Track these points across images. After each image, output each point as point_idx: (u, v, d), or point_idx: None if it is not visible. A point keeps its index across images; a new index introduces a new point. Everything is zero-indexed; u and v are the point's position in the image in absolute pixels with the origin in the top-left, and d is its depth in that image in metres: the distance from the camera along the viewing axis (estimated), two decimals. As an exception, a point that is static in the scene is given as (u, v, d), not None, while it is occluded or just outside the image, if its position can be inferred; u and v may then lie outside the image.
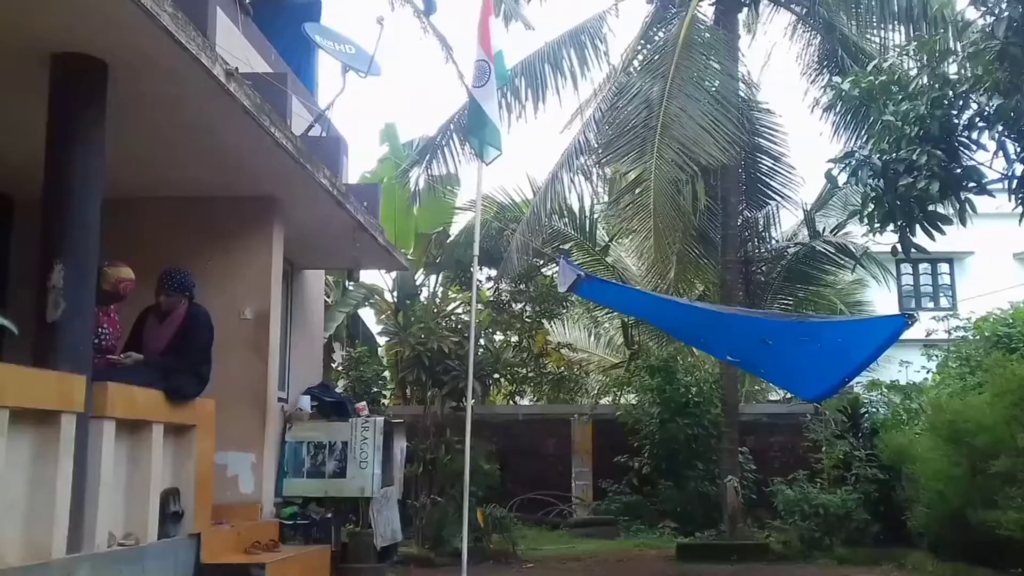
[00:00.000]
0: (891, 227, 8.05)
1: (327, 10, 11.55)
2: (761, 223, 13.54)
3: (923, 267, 20.90)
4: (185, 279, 6.27)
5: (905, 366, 12.96)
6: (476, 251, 8.62)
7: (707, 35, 11.98)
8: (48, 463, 4.48)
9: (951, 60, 7.59)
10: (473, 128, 8.43)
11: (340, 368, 13.33)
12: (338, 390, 11.16)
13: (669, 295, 12.09)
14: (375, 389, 12.09)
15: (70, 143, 5.08)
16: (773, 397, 17.13)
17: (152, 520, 5.63)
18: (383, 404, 12.26)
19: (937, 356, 12.70)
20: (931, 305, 20.41)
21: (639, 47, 13.11)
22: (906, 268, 20.40)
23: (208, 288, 7.01)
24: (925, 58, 7.88)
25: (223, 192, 7.70)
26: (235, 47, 7.50)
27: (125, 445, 5.46)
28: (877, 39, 11.89)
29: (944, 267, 20.76)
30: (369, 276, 15.42)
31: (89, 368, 4.99)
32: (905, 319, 8.98)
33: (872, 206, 7.98)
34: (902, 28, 11.24)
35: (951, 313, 13.42)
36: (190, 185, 7.54)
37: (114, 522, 5.28)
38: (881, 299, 16.84)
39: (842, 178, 8.50)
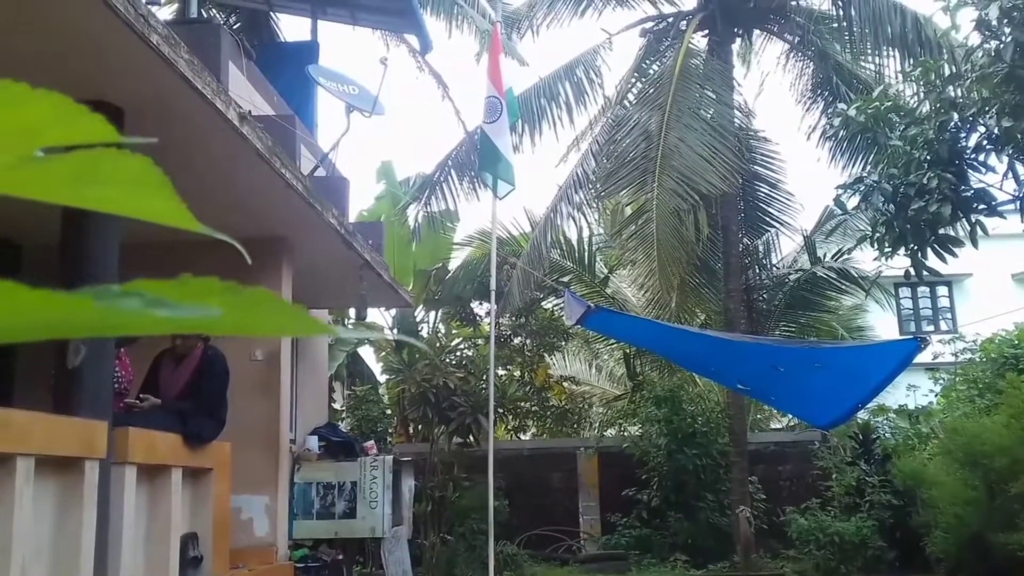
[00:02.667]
0: (902, 251, 8.06)
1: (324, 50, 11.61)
2: (761, 250, 13.55)
3: (922, 290, 20.95)
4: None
5: (913, 390, 12.92)
6: (493, 285, 8.63)
7: (702, 66, 12.07)
8: (72, 511, 4.37)
9: (956, 84, 7.64)
10: (485, 164, 8.46)
11: (343, 408, 13.20)
12: (344, 429, 11.05)
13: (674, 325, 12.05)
14: (381, 427, 11.95)
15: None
16: (775, 425, 17.06)
17: (172, 566, 5.50)
18: (389, 442, 12.12)
19: (944, 379, 12.67)
20: (931, 328, 20.43)
21: (633, 79, 13.18)
22: (905, 292, 20.45)
23: (219, 330, 6.92)
24: (930, 81, 7.93)
25: (235, 234, 7.55)
26: (241, 90, 7.50)
27: (145, 490, 5.35)
28: (872, 66, 11.99)
29: (943, 290, 20.82)
30: (369, 314, 15.33)
31: (110, 414, 4.89)
32: (918, 342, 8.97)
33: (883, 230, 7.99)
34: (896, 54, 11.33)
35: (957, 336, 13.41)
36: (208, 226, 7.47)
37: (135, 568, 5.16)
38: (881, 324, 16.85)
39: (852, 203, 8.52)
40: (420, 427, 13.41)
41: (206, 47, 5.82)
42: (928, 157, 7.60)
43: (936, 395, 12.86)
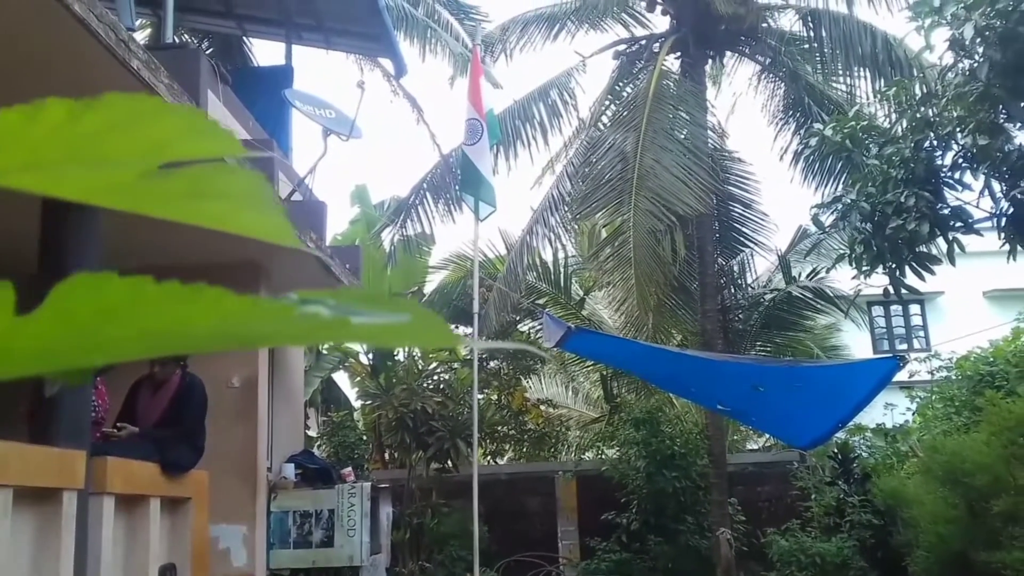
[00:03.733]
0: (880, 269, 8.11)
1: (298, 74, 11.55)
2: (736, 270, 13.60)
3: (895, 309, 21.13)
4: (179, 348, 6.04)
5: (891, 409, 12.98)
6: (476, 308, 8.54)
7: (676, 87, 12.15)
8: (51, 542, 4.23)
9: (931, 103, 7.72)
10: (467, 186, 8.42)
11: (319, 434, 13.02)
12: (320, 456, 10.88)
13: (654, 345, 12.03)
14: (358, 454, 11.79)
15: (64, 216, 4.90)
16: (752, 446, 17.06)
17: (151, 599, 5.35)
18: (366, 469, 11.95)
19: (920, 398, 12.74)
20: (904, 347, 20.59)
21: (607, 101, 13.23)
22: (878, 310, 20.62)
23: (196, 356, 6.81)
24: (904, 101, 8.01)
25: (213, 259, 7.52)
26: (217, 114, 7.42)
27: (123, 520, 5.20)
28: (843, 86, 12.12)
29: (916, 308, 21.02)
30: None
31: (88, 443, 4.75)
32: (897, 361, 9.03)
33: (861, 249, 8.03)
34: (867, 74, 11.47)
35: (933, 354, 13.50)
36: (180, 253, 7.36)
37: (113, 603, 5.00)
38: (855, 343, 16.95)
39: (828, 221, 8.57)
40: (396, 453, 13.25)
41: (185, 72, 5.77)
42: (904, 175, 7.66)
43: (913, 413, 12.92)
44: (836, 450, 12.23)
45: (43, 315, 0.41)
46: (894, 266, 8.00)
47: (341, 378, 16.53)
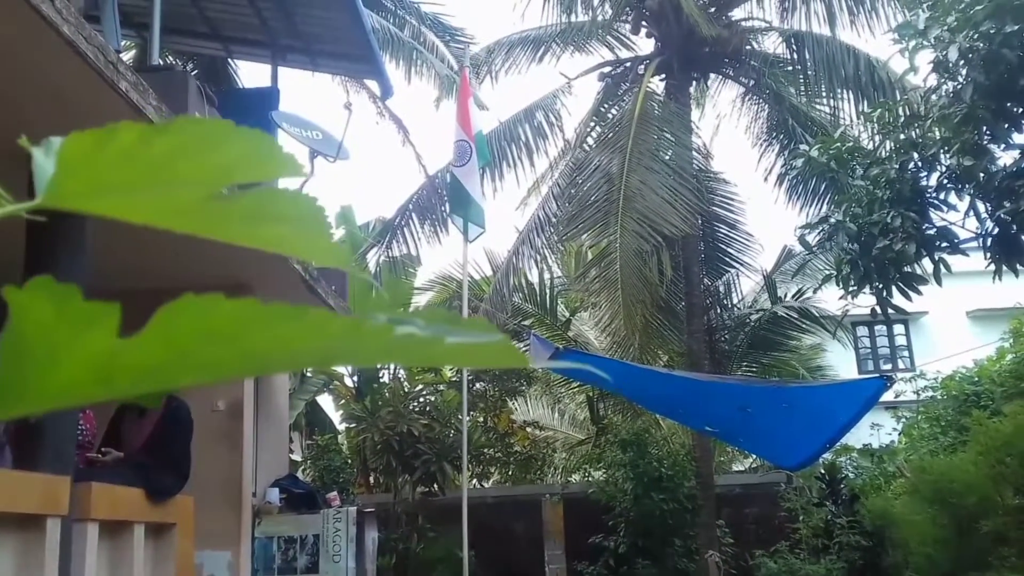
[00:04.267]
0: (867, 289, 8.13)
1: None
2: (722, 291, 13.62)
3: (879, 329, 21.21)
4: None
5: (877, 429, 13.00)
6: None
7: (661, 109, 12.21)
8: (34, 570, 4.13)
9: (916, 124, 7.78)
10: (456, 207, 8.40)
11: (304, 458, 12.89)
12: (305, 480, 10.77)
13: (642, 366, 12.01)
14: (343, 478, 11.67)
15: (51, 241, 4.84)
16: (738, 467, 17.03)
17: (136, 629, 5.23)
18: (352, 493, 11.83)
19: (906, 418, 12.77)
20: (888, 366, 20.66)
21: (592, 123, 13.28)
22: (863, 331, 20.71)
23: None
24: (888, 122, 8.07)
25: (198, 281, 7.46)
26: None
27: (107, 548, 5.09)
28: (827, 108, 12.22)
29: (900, 328, 21.13)
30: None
31: (72, 469, 4.66)
32: (884, 381, 9.02)
33: (848, 269, 8.06)
34: (851, 96, 11.56)
35: (918, 374, 13.55)
36: (166, 275, 7.31)
37: (97, 633, 4.89)
38: (840, 363, 16.99)
39: (814, 241, 8.59)
40: (382, 477, 13.13)
41: (173, 94, 5.75)
42: (890, 196, 7.71)
43: (899, 433, 12.94)
44: (824, 471, 12.22)
45: (147, 337, 0.40)
46: (881, 286, 8.03)
47: (326, 401, 16.42)
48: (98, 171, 0.46)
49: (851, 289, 8.19)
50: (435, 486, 11.48)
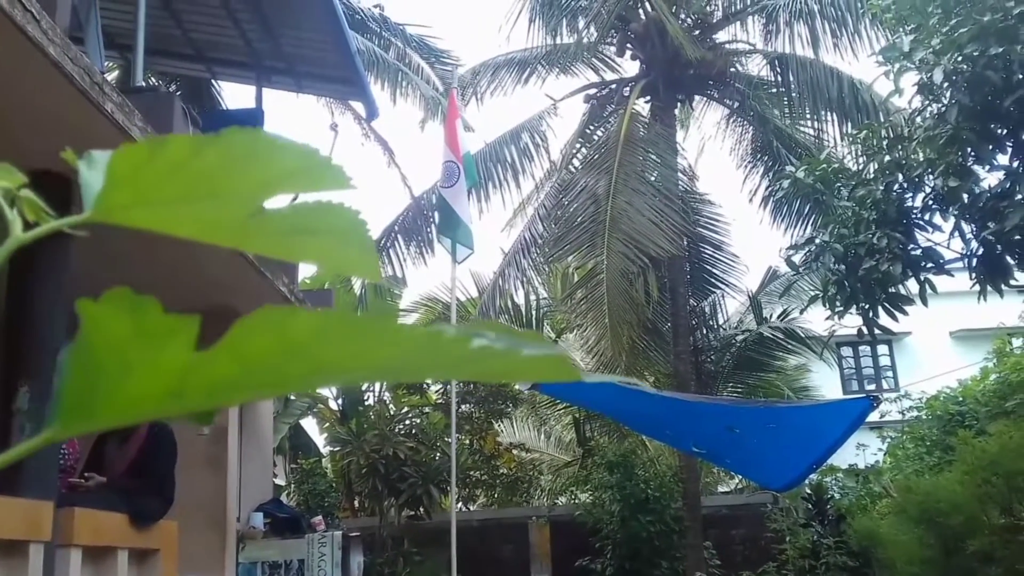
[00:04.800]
0: (853, 310, 8.16)
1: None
2: (708, 311, 13.64)
3: (863, 349, 21.30)
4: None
5: (863, 449, 13.01)
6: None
7: (646, 131, 12.26)
8: (15, 600, 4.05)
9: (901, 146, 7.83)
10: (444, 228, 8.38)
11: (288, 482, 12.77)
12: (289, 504, 10.66)
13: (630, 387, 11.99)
14: (328, 502, 11.56)
15: (35, 263, 4.78)
16: (723, 488, 17.00)
17: (118, 657, 5.13)
18: (337, 517, 11.71)
19: (891, 438, 12.79)
20: (873, 387, 20.72)
21: (578, 144, 13.32)
22: (847, 351, 20.79)
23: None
24: (873, 144, 8.13)
25: (181, 305, 7.37)
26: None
27: (90, 573, 4.99)
28: (811, 130, 12.31)
29: (884, 348, 21.22)
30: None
31: (55, 494, 4.59)
32: (870, 401, 9.06)
33: (834, 289, 8.08)
34: (834, 118, 11.66)
35: (903, 394, 13.59)
36: (151, 295, 7.25)
37: (78, 662, 4.79)
38: (825, 383, 17.03)
39: (798, 260, 8.62)
40: (367, 501, 13.02)
41: (158, 115, 5.73)
42: (876, 217, 7.75)
43: (884, 454, 12.96)
44: (810, 491, 12.21)
45: (222, 350, 0.40)
46: (867, 306, 8.06)
47: (310, 424, 16.29)
48: (147, 184, 0.45)
49: (837, 310, 8.22)
50: (421, 509, 11.39)
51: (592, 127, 13.23)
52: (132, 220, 0.47)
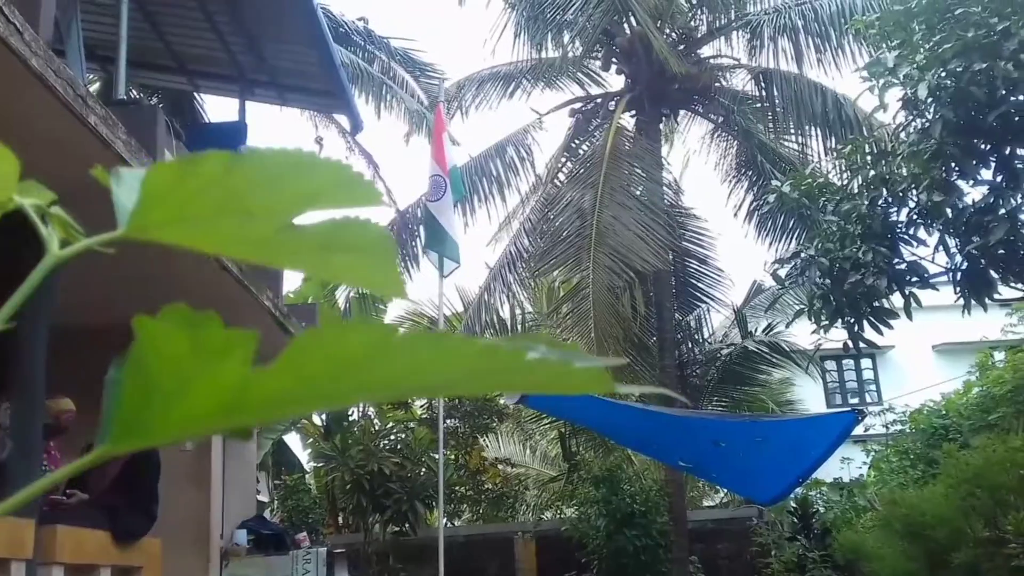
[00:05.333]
0: (839, 324, 8.19)
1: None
2: (693, 325, 13.65)
3: (847, 363, 21.38)
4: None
5: (847, 463, 13.03)
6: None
7: (632, 145, 12.29)
8: (-4, 620, 3.97)
9: (886, 160, 7.88)
10: (431, 242, 8.36)
11: (271, 499, 12.65)
12: (273, 521, 10.56)
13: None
14: (312, 518, 11.46)
15: (16, 280, 4.72)
16: (708, 502, 16.98)
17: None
18: (321, 534, 11.60)
19: (876, 451, 12.82)
20: (856, 400, 20.79)
21: (564, 158, 13.33)
22: (830, 365, 20.84)
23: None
24: (858, 159, 8.18)
25: (163, 317, 7.34)
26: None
27: (71, 594, 4.92)
28: (795, 145, 12.37)
29: (867, 362, 21.30)
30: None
31: (38, 511, 4.50)
32: (855, 415, 9.11)
33: (820, 304, 8.11)
34: (818, 132, 11.72)
35: (887, 408, 13.64)
36: (133, 311, 7.17)
37: None
38: (809, 396, 17.06)
39: (785, 274, 8.64)
40: (352, 517, 12.91)
41: (142, 128, 5.70)
42: (862, 231, 7.78)
43: (868, 467, 12.98)
44: (795, 505, 12.21)
45: (280, 366, 0.39)
46: (853, 320, 8.09)
47: (292, 440, 16.15)
48: (181, 201, 0.45)
49: (823, 323, 8.24)
50: (406, 525, 11.30)
51: (577, 141, 13.25)
52: (165, 237, 0.47)
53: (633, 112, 12.81)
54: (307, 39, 9.91)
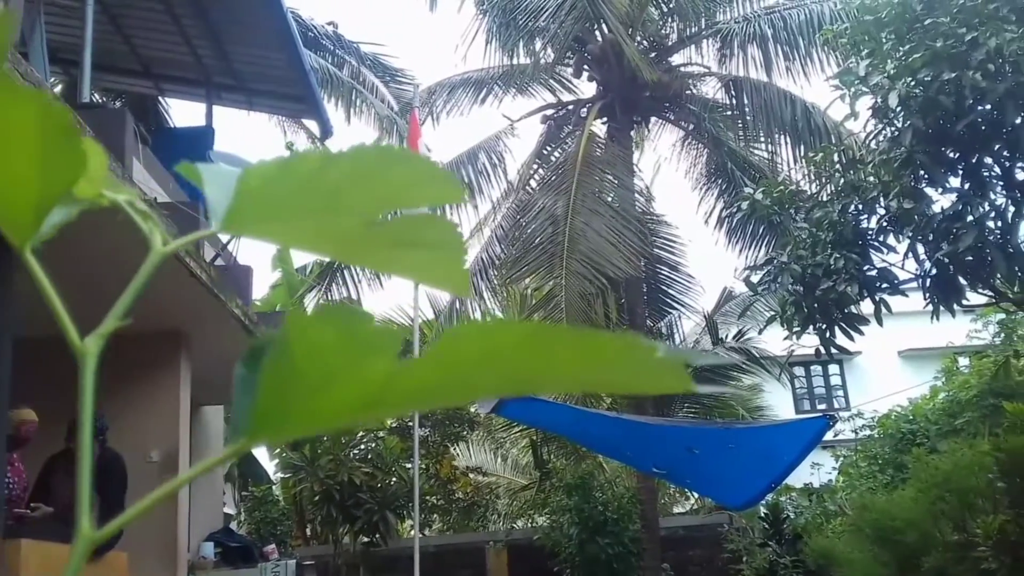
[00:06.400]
0: (811, 330, 8.22)
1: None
2: (665, 331, 13.67)
3: (815, 369, 21.55)
4: (98, 422, 5.68)
5: (817, 468, 13.10)
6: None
7: (604, 152, 12.29)
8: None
9: (857, 168, 7.93)
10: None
11: (238, 511, 12.46)
12: (240, 533, 10.40)
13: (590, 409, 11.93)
14: (281, 529, 11.29)
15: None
16: (679, 509, 17.01)
17: None
18: (290, 546, 11.44)
19: (844, 456, 12.91)
20: (824, 406, 20.95)
21: (535, 165, 13.31)
22: (799, 371, 20.98)
23: (113, 429, 6.43)
24: (827, 167, 8.23)
25: (128, 329, 7.16)
26: (137, 176, 7.14)
27: (36, 610, 4.78)
28: (764, 152, 12.44)
29: (835, 368, 21.48)
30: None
31: (2, 525, 4.38)
32: (827, 420, 9.15)
33: (792, 310, 8.13)
34: (788, 140, 11.80)
35: (856, 413, 13.74)
36: (98, 321, 7.02)
37: None
38: (778, 402, 17.15)
39: (757, 280, 8.66)
40: (320, 528, 12.74)
41: (109, 132, 5.55)
42: (833, 238, 7.82)
43: (837, 472, 13.06)
44: (767, 511, 12.24)
45: (426, 360, 0.40)
46: (824, 327, 8.13)
47: (258, 450, 15.91)
48: (276, 199, 0.46)
49: (795, 329, 8.27)
50: (377, 536, 11.17)
51: (549, 147, 13.24)
52: (258, 233, 0.48)
53: (605, 119, 12.82)
54: (276, 43, 9.80)
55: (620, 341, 0.41)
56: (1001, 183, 7.61)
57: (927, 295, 7.90)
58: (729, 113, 12.70)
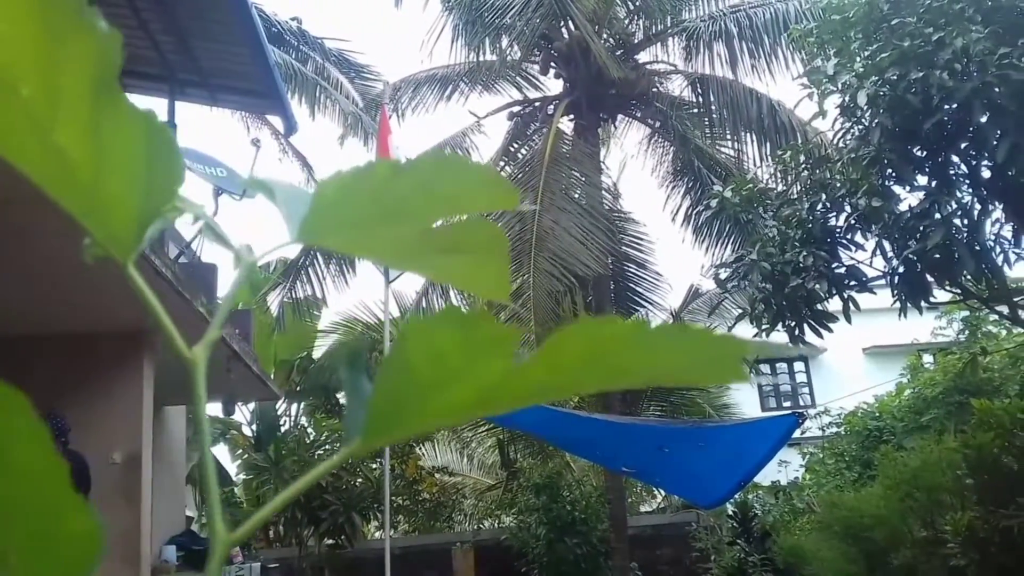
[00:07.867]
0: (780, 327, 8.23)
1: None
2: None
3: (780, 367, 21.69)
4: (59, 424, 5.53)
5: (785, 466, 13.15)
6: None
7: (571, 149, 12.24)
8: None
9: (825, 166, 7.95)
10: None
11: (199, 513, 12.23)
12: (202, 536, 10.21)
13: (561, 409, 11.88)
14: (245, 532, 11.09)
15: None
16: (646, 508, 17.02)
17: None
18: (254, 548, 11.25)
19: (811, 454, 12.98)
20: (789, 404, 21.07)
21: (502, 162, 13.22)
22: (765, 368, 21.09)
23: (74, 431, 6.27)
24: (794, 165, 8.24)
25: (91, 328, 7.03)
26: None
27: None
28: (731, 150, 12.47)
29: (800, 366, 21.64)
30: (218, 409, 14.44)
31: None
32: (796, 418, 9.19)
33: (761, 307, 8.14)
34: (754, 138, 11.82)
35: (823, 411, 13.83)
36: (58, 321, 6.86)
37: None
38: (744, 400, 17.23)
39: (725, 277, 8.66)
40: (284, 530, 12.56)
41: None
42: (802, 236, 7.83)
43: (804, 469, 13.14)
44: (735, 509, 12.27)
45: (538, 360, 0.42)
46: (793, 324, 8.14)
47: (220, 452, 15.66)
48: (349, 208, 0.47)
49: (764, 327, 8.28)
50: (343, 538, 11.03)
51: (516, 144, 13.17)
52: (330, 243, 0.49)
53: (572, 116, 12.78)
54: (240, 38, 9.62)
55: (710, 335, 0.42)
56: (967, 181, 7.67)
57: (895, 292, 7.94)
58: (696, 111, 12.71)
